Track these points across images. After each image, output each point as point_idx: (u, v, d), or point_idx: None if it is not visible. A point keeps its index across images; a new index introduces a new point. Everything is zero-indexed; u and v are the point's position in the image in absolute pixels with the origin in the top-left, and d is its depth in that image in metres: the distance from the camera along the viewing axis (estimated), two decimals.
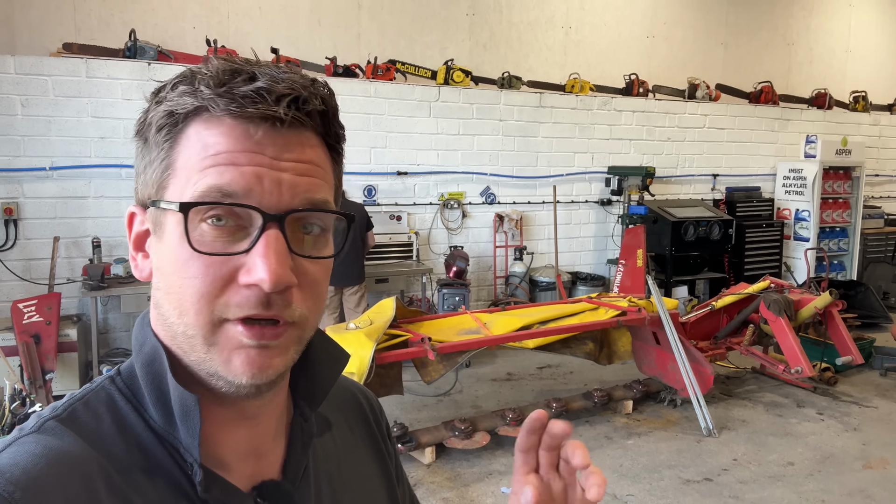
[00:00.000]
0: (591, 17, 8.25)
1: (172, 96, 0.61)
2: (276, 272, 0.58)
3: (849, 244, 9.32)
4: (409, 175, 7.01)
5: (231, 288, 0.60)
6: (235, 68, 0.61)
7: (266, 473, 0.69)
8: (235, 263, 0.60)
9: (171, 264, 0.61)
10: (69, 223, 5.69)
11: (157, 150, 0.62)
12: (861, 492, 4.00)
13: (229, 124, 0.60)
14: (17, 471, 0.54)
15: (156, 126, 0.62)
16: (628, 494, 3.96)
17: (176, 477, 0.62)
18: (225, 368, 0.61)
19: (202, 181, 0.59)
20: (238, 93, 0.59)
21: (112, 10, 6.05)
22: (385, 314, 4.39)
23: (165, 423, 0.63)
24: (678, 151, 8.60)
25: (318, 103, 0.63)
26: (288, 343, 0.62)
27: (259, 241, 0.59)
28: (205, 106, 0.60)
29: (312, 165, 0.63)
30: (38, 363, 4.86)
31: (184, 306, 0.60)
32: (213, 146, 0.60)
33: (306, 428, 0.73)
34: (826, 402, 5.46)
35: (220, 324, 0.60)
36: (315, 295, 0.64)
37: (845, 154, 9.05)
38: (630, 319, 4.95)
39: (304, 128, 0.63)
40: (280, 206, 0.60)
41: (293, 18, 6.72)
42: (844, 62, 10.22)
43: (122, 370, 0.67)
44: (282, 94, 0.60)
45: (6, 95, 5.42)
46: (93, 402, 0.64)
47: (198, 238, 0.59)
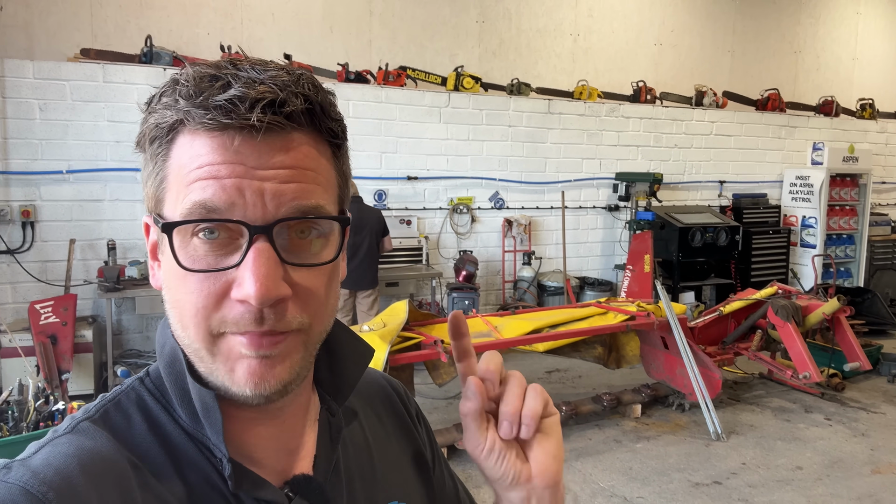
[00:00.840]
0: (600, 25, 8.32)
1: (159, 107, 0.60)
2: (263, 287, 0.57)
3: (856, 251, 9.34)
4: (419, 180, 7.08)
5: (226, 303, 0.59)
6: (212, 74, 0.59)
7: (298, 469, 0.69)
8: (228, 278, 0.59)
9: (171, 279, 0.61)
10: (85, 226, 5.77)
11: (153, 163, 0.62)
12: (870, 496, 4.03)
13: (208, 136, 0.58)
14: (50, 471, 0.55)
15: (148, 138, 0.62)
16: (638, 497, 4.00)
17: (207, 473, 0.63)
18: (229, 379, 0.60)
19: (187, 197, 0.58)
20: (212, 103, 0.57)
21: (128, 16, 6.14)
22: (398, 317, 4.44)
23: (192, 421, 0.64)
24: (685, 158, 8.65)
25: (300, 102, 0.60)
26: (289, 350, 0.61)
27: (248, 255, 0.58)
28: (182, 119, 0.59)
29: (299, 170, 0.60)
30: (55, 363, 4.93)
31: (184, 320, 0.60)
32: (197, 159, 0.58)
33: (334, 422, 0.73)
34: (834, 407, 5.49)
35: (221, 336, 0.60)
36: (315, 301, 0.63)
37: (852, 161, 9.09)
38: (639, 324, 4.99)
39: (286, 131, 0.60)
40: (266, 217, 0.58)
41: (306, 25, 6.80)
42: (851, 70, 10.26)
43: (151, 371, 0.68)
44: (256, 100, 0.57)
45: (25, 100, 5.51)
46: (124, 403, 0.65)
47: (191, 253, 0.59)
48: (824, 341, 5.90)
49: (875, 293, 7.89)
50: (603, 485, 4.14)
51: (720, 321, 5.80)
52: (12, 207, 5.53)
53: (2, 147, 5.48)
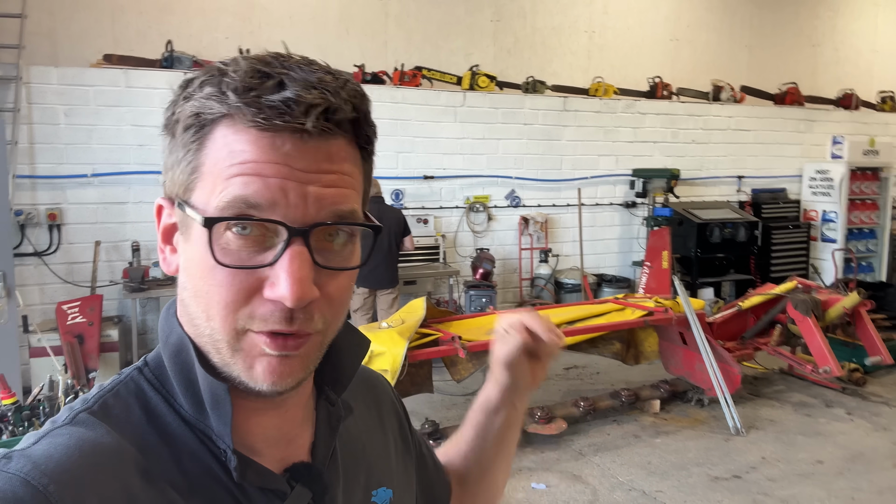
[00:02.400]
0: (615, 22, 8.32)
1: (199, 96, 0.60)
2: (300, 290, 0.58)
3: (877, 245, 9.24)
4: (436, 179, 7.13)
5: (256, 299, 0.59)
6: (264, 71, 0.59)
7: (295, 457, 0.70)
8: (260, 275, 0.59)
9: (198, 269, 0.61)
10: (110, 228, 5.89)
11: (184, 150, 0.61)
12: (892, 489, 4.01)
13: (256, 134, 0.58)
14: (50, 463, 0.54)
15: (183, 125, 0.61)
16: (657, 491, 4.01)
17: (209, 464, 0.63)
18: (247, 375, 0.61)
19: (227, 190, 0.58)
20: (265, 102, 0.57)
21: (149, 22, 6.26)
22: (416, 314, 4.49)
23: (196, 411, 0.63)
24: (703, 153, 8.61)
25: (349, 110, 0.61)
26: (309, 351, 0.63)
27: (283, 255, 0.58)
28: (231, 114, 0.59)
29: (340, 175, 0.61)
30: (82, 362, 5.05)
31: (210, 312, 0.60)
32: (240, 154, 0.58)
33: (333, 412, 0.74)
34: (855, 402, 5.45)
35: (245, 332, 0.60)
36: (338, 304, 0.64)
37: (873, 155, 8.99)
38: (657, 319, 5.00)
39: (333, 137, 0.61)
40: (305, 220, 0.59)
41: (322, 27, 6.88)
42: (871, 62, 10.14)
43: (150, 361, 0.68)
44: (311, 105, 0.58)
45: (50, 106, 5.65)
46: (123, 393, 0.64)
47: (223, 246, 0.59)
48: (845, 336, 5.85)
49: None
50: (622, 479, 4.16)
51: (739, 316, 5.77)
52: (39, 211, 5.67)
53: (28, 152, 5.62)
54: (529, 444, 4.60)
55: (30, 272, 5.71)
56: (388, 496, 0.82)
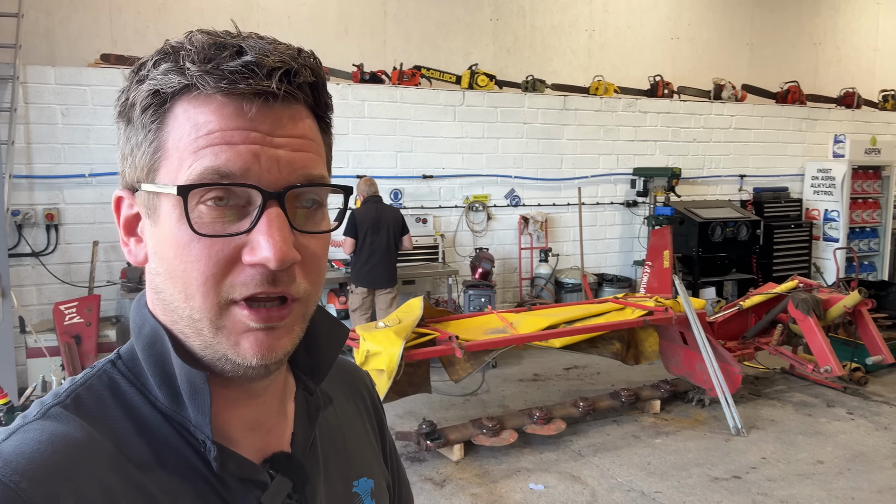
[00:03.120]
0: (615, 20, 8.29)
1: (156, 74, 0.59)
2: (282, 250, 0.57)
3: (879, 244, 9.20)
4: (435, 178, 7.11)
5: (235, 268, 0.59)
6: (220, 42, 0.59)
7: (273, 447, 0.69)
8: (237, 243, 0.59)
9: (171, 248, 0.59)
10: (108, 228, 5.88)
11: (144, 131, 0.60)
12: (892, 489, 3.97)
13: (220, 101, 0.58)
14: (22, 459, 0.53)
15: (140, 106, 0.60)
16: (656, 491, 3.98)
17: (187, 455, 0.62)
18: (234, 352, 0.60)
19: (197, 163, 0.57)
20: (227, 68, 0.57)
21: (147, 21, 6.25)
22: (413, 313, 4.47)
23: (172, 403, 0.62)
24: (704, 152, 8.58)
25: (309, 75, 0.61)
26: (293, 322, 0.62)
27: (261, 219, 0.58)
28: (194, 84, 0.58)
29: (306, 140, 0.62)
30: (79, 363, 5.04)
31: (189, 290, 0.59)
32: (205, 125, 0.58)
33: (312, 402, 0.74)
34: (856, 401, 5.41)
35: (228, 306, 0.59)
36: (316, 270, 0.64)
37: (875, 153, 8.94)
38: (657, 319, 4.97)
39: (295, 101, 0.61)
40: (279, 184, 0.59)
41: (321, 27, 6.86)
42: (873, 61, 10.09)
43: (123, 353, 0.66)
44: (273, 68, 0.58)
45: (47, 105, 5.64)
46: (96, 386, 0.62)
47: (196, 220, 0.58)
48: (847, 335, 5.81)
49: None
50: (621, 479, 4.13)
51: (740, 316, 5.74)
52: (36, 211, 5.66)
53: (25, 152, 5.60)
54: (527, 445, 4.57)
55: (27, 272, 5.70)
56: (369, 486, 0.81)
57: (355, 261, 5.63)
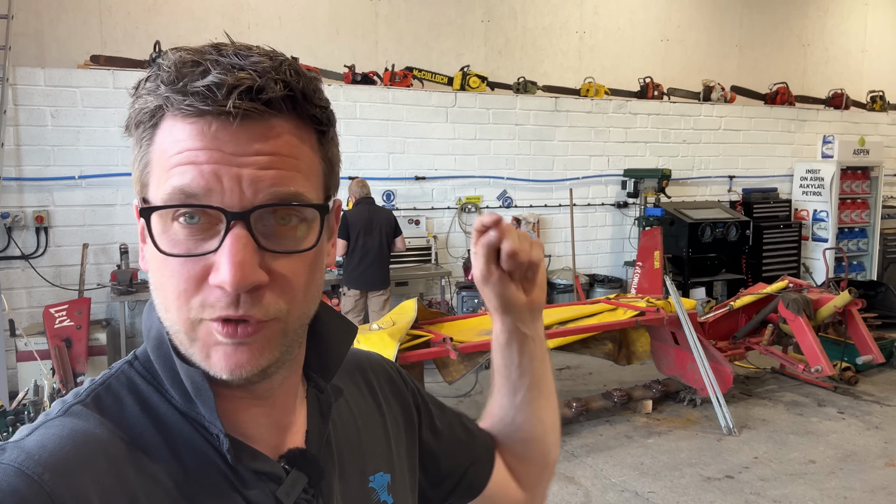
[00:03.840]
0: (605, 22, 8.32)
1: (143, 92, 0.61)
2: (239, 273, 0.57)
3: (868, 244, 9.27)
4: (427, 180, 7.11)
5: (205, 286, 0.59)
6: (194, 60, 0.59)
7: (290, 444, 0.70)
8: (207, 262, 0.59)
9: (153, 262, 0.62)
10: (98, 230, 5.84)
11: (138, 146, 0.62)
12: (884, 489, 4.01)
13: (188, 122, 0.59)
14: (44, 453, 0.55)
15: (134, 122, 0.62)
16: (649, 491, 4.00)
17: (203, 450, 0.63)
18: (206, 363, 0.61)
19: (167, 182, 0.59)
20: (190, 89, 0.58)
21: (137, 22, 6.21)
22: (407, 315, 4.47)
23: (185, 400, 0.64)
24: (694, 153, 8.62)
25: (280, 88, 0.59)
26: (266, 339, 0.61)
27: (225, 240, 0.58)
28: (162, 105, 0.59)
29: (278, 157, 0.60)
30: (70, 366, 4.99)
31: (167, 303, 0.61)
32: (177, 144, 0.59)
33: (323, 399, 0.75)
34: (847, 401, 5.46)
35: (198, 322, 0.60)
36: (296, 287, 0.63)
37: (863, 154, 9.02)
38: (648, 319, 4.99)
39: (264, 118, 0.60)
40: (243, 204, 0.59)
41: (312, 28, 6.85)
42: (861, 62, 10.18)
43: (139, 354, 0.68)
44: (233, 86, 0.57)
45: (37, 107, 5.59)
46: (114, 386, 0.65)
47: (171, 237, 0.59)
48: (837, 335, 5.86)
49: (888, 286, 7.82)
50: (614, 480, 4.14)
51: (731, 316, 5.78)
52: (26, 213, 5.61)
53: (15, 154, 5.56)
54: None
55: (17, 275, 5.65)
56: (385, 481, 0.82)
57: (347, 263, 5.63)
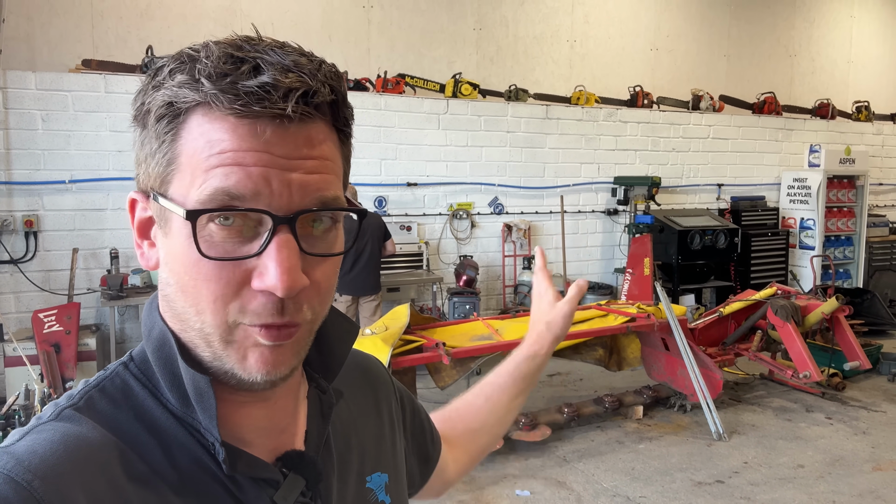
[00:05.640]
0: (596, 31, 8.39)
1: (171, 85, 0.58)
2: (290, 279, 0.57)
3: (854, 252, 9.38)
4: (419, 186, 7.13)
5: (245, 291, 0.58)
6: (237, 56, 0.57)
7: (286, 446, 0.69)
8: (247, 266, 0.58)
9: (182, 264, 0.59)
10: (88, 235, 5.80)
11: (158, 141, 0.59)
12: (871, 493, 4.05)
13: (234, 122, 0.57)
14: (34, 459, 0.53)
15: (155, 115, 0.59)
16: (641, 496, 4.02)
17: (199, 456, 0.62)
18: (240, 367, 0.60)
19: (208, 183, 0.56)
20: (242, 88, 0.56)
21: (129, 27, 6.20)
22: (399, 320, 4.47)
23: (182, 405, 0.63)
24: (683, 162, 8.70)
25: (328, 93, 0.59)
26: (300, 339, 0.63)
27: (270, 244, 0.57)
28: (207, 101, 0.57)
29: (322, 161, 0.60)
30: (59, 371, 4.96)
31: (200, 306, 0.59)
32: (218, 144, 0.57)
33: (325, 400, 0.74)
34: (835, 406, 5.51)
35: (237, 325, 0.59)
36: (325, 291, 0.64)
37: (849, 163, 9.14)
38: (639, 325, 5.02)
39: (312, 121, 0.59)
40: (290, 208, 0.58)
41: (305, 34, 6.86)
42: (847, 73, 10.33)
43: (135, 356, 0.67)
44: (290, 89, 0.56)
45: (27, 111, 5.56)
46: (108, 389, 0.63)
47: (207, 238, 0.57)
48: (824, 341, 5.92)
49: (874, 294, 7.92)
50: (606, 485, 4.16)
51: (720, 322, 5.82)
52: (15, 217, 5.57)
53: (5, 158, 5.52)
54: (513, 452, 4.59)
55: (5, 280, 5.60)
56: (383, 481, 0.82)
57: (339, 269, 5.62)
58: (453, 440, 1.08)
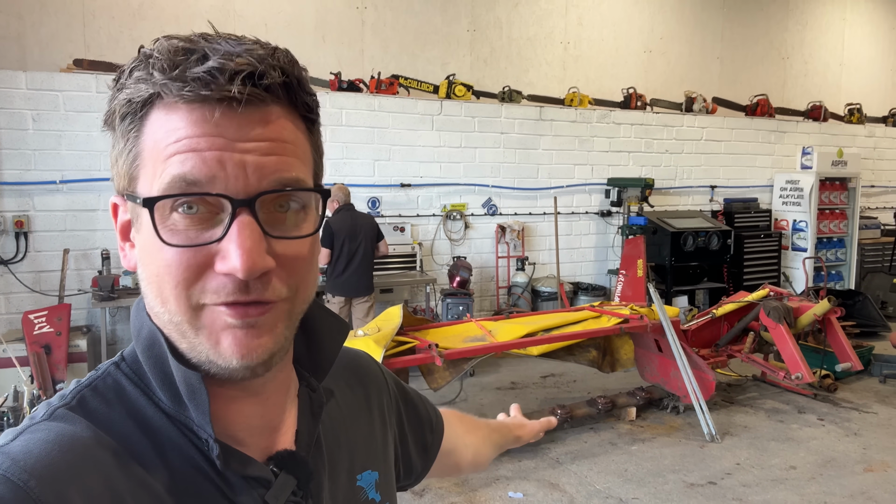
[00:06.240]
0: (590, 33, 8.41)
1: (129, 83, 0.59)
2: (250, 260, 0.57)
3: (846, 254, 9.42)
4: (413, 187, 7.12)
5: (208, 274, 0.59)
6: (187, 47, 0.58)
7: (279, 445, 0.70)
8: (209, 251, 0.58)
9: (149, 255, 0.60)
10: (79, 236, 5.77)
11: (124, 140, 0.61)
12: (863, 494, 4.06)
13: (186, 109, 0.57)
14: (30, 458, 0.53)
15: (119, 115, 0.60)
16: (633, 498, 4.02)
17: (191, 455, 0.62)
18: (215, 352, 0.60)
19: (166, 171, 0.57)
20: (190, 75, 0.57)
21: (121, 27, 6.17)
22: (392, 321, 4.46)
23: (174, 403, 0.63)
24: (676, 163, 8.72)
25: (278, 75, 0.59)
26: (275, 319, 0.62)
27: (231, 228, 0.58)
28: (158, 92, 0.58)
29: (279, 142, 0.60)
30: (49, 373, 4.92)
31: (164, 294, 0.59)
32: (174, 133, 0.58)
33: (315, 398, 0.74)
34: (826, 408, 5.53)
35: (201, 308, 0.59)
36: (300, 269, 0.63)
37: (841, 165, 9.18)
38: (632, 326, 5.02)
39: (265, 104, 0.59)
40: (248, 190, 0.58)
41: (298, 35, 6.85)
42: (839, 75, 10.38)
43: (126, 356, 0.67)
44: (235, 72, 0.57)
45: (18, 111, 5.53)
46: (101, 388, 0.63)
47: (170, 227, 0.58)
48: (816, 343, 5.94)
49: (866, 295, 7.96)
50: (599, 486, 4.16)
51: (713, 324, 5.83)
52: (6, 218, 5.54)
53: None
54: (506, 454, 4.58)
55: None
56: (373, 478, 0.82)
57: (332, 270, 5.60)
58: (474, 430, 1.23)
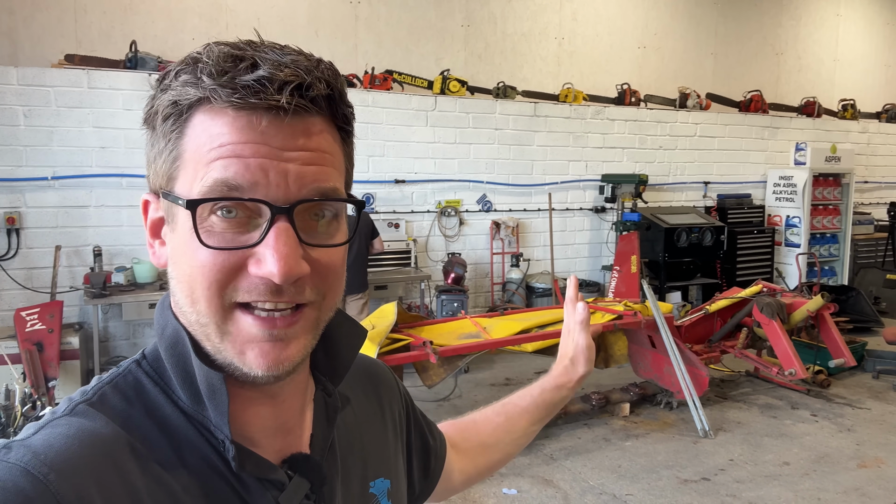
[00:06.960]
0: (584, 29, 8.39)
1: (176, 85, 0.61)
2: (287, 265, 0.58)
3: (839, 250, 9.46)
4: (407, 183, 7.10)
5: (241, 276, 0.60)
6: (237, 54, 0.60)
7: (292, 448, 0.70)
8: (244, 255, 0.60)
9: (183, 255, 0.62)
10: (71, 232, 5.74)
11: (165, 140, 0.62)
12: (856, 489, 4.08)
13: (233, 115, 0.59)
14: (50, 452, 0.55)
15: (162, 115, 0.62)
16: (627, 494, 4.03)
17: (207, 455, 0.63)
18: (239, 360, 0.61)
19: (208, 175, 0.59)
20: (240, 82, 0.58)
21: (113, 22, 6.13)
22: (387, 319, 4.45)
23: (194, 402, 0.64)
24: (670, 159, 8.73)
25: (324, 87, 0.61)
26: (303, 330, 0.63)
27: (269, 233, 0.59)
28: (207, 97, 0.59)
29: (320, 153, 0.62)
30: (41, 371, 4.89)
31: (195, 294, 0.61)
32: (218, 137, 0.59)
33: (330, 403, 0.75)
34: (820, 403, 5.55)
35: (232, 309, 0.61)
36: (331, 276, 0.65)
37: (835, 161, 9.21)
38: (626, 323, 5.03)
39: (309, 114, 0.61)
40: (288, 198, 0.60)
41: (291, 30, 6.81)
42: (833, 71, 10.40)
43: (147, 354, 0.68)
44: (285, 82, 0.59)
45: (9, 106, 5.48)
46: (121, 386, 0.65)
47: (207, 229, 0.60)
48: (809, 338, 5.96)
49: (859, 291, 7.98)
50: (593, 483, 4.16)
51: (706, 320, 5.85)
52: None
53: None
54: None
55: None
56: (385, 486, 0.83)
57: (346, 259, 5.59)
58: (464, 451, 1.09)
